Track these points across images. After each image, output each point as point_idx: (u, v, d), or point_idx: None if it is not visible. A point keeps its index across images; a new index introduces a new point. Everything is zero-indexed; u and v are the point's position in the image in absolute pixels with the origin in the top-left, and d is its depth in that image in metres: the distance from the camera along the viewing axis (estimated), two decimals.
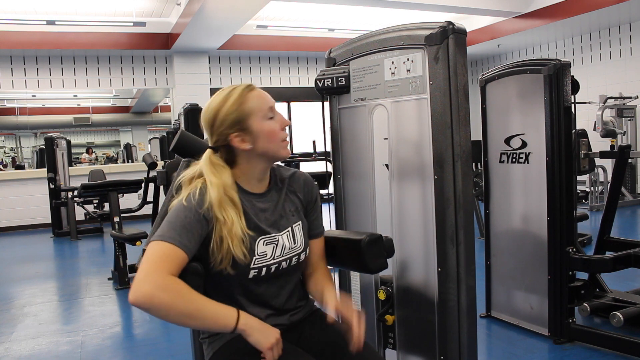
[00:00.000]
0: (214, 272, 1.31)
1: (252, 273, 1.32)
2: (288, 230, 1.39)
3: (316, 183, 1.52)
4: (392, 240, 1.53)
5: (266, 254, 1.34)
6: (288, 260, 1.38)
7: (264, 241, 1.34)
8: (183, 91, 8.72)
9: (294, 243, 1.39)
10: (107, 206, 6.01)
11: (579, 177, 6.58)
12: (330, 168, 2.19)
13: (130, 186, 5.90)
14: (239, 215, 1.29)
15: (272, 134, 1.33)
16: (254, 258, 1.32)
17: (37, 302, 4.07)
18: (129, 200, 6.56)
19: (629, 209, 7.22)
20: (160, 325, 3.41)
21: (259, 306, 1.37)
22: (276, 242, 1.36)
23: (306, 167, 6.90)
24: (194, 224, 1.23)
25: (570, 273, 2.72)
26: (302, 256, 1.42)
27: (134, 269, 4.33)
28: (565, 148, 2.71)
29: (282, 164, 1.50)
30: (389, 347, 2.00)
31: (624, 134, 7.66)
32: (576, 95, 2.80)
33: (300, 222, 1.43)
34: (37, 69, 8.27)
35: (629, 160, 6.45)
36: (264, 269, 1.33)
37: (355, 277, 2.10)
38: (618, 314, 2.70)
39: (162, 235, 1.20)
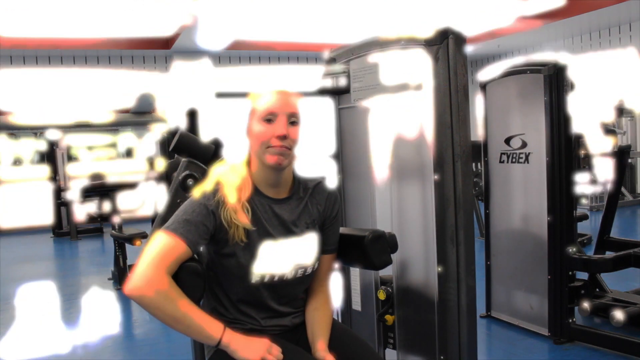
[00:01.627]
0: (219, 270, 1.33)
1: (254, 278, 1.32)
2: (299, 242, 1.37)
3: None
4: (395, 236, 1.53)
5: (271, 261, 1.33)
6: (293, 272, 1.36)
7: (271, 248, 1.33)
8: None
9: (302, 255, 1.38)
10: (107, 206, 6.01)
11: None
12: None
13: (130, 186, 5.89)
14: (239, 198, 1.30)
15: (258, 135, 1.31)
16: (257, 263, 1.32)
17: (37, 302, 4.07)
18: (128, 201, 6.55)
19: (629, 209, 7.22)
20: (160, 325, 3.38)
21: (256, 309, 1.37)
22: (283, 251, 1.34)
23: None
24: (200, 217, 1.26)
25: (570, 273, 2.72)
26: (309, 270, 1.40)
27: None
28: (565, 148, 2.71)
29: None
30: (389, 347, 2.00)
31: (624, 134, 7.65)
32: None
33: (314, 236, 1.41)
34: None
35: (629, 160, 6.45)
36: (267, 276, 1.33)
37: (355, 276, 2.09)
38: (618, 314, 2.70)
39: (168, 227, 1.25)
